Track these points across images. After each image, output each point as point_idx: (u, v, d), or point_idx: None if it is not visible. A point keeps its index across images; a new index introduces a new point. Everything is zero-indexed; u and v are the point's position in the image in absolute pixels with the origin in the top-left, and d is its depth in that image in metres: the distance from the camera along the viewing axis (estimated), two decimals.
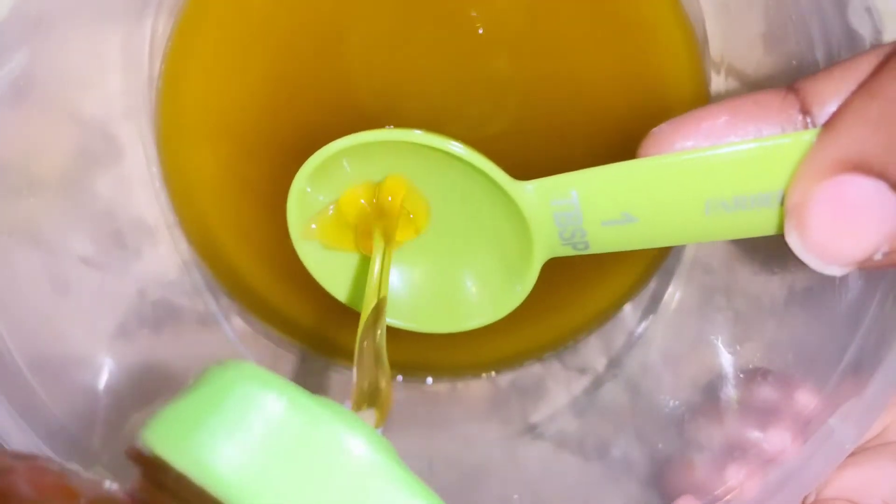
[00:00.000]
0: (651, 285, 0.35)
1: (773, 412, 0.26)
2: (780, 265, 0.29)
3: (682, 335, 0.34)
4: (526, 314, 0.26)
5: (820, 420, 0.24)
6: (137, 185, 0.32)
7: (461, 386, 0.36)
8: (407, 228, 0.25)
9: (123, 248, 0.31)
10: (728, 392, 0.29)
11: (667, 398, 0.32)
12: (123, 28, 0.31)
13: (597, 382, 0.35)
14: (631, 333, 0.35)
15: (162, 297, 0.32)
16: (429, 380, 0.36)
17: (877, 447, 0.26)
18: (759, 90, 0.20)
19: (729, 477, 0.26)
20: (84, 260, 0.30)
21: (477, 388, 0.36)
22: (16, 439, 0.23)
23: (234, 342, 0.35)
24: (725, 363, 0.30)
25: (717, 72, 0.32)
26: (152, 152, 0.32)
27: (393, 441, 0.21)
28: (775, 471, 0.24)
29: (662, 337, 0.34)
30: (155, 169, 0.33)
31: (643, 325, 0.35)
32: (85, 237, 0.30)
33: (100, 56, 0.30)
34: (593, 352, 0.36)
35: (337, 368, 0.36)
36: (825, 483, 0.25)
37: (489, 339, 0.26)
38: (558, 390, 0.35)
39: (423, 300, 0.26)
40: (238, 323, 0.35)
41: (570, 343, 0.36)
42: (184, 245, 0.34)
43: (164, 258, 0.33)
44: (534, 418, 0.35)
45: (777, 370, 0.28)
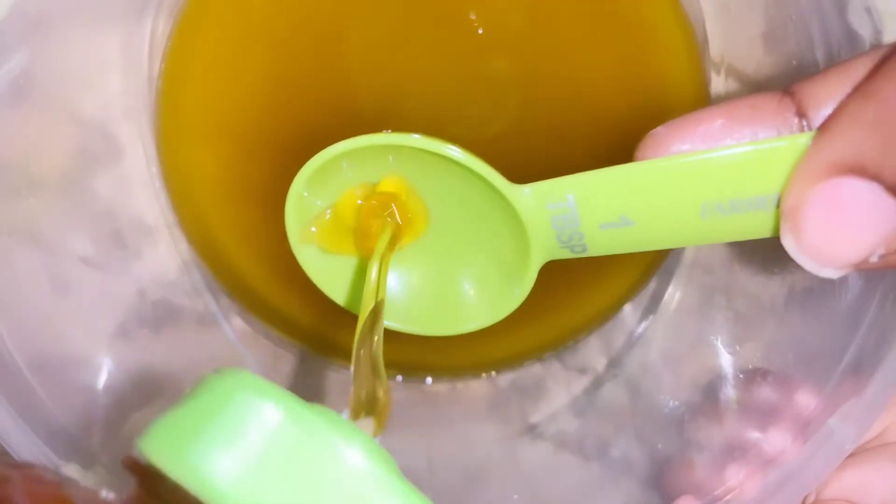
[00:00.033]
0: (651, 285, 0.35)
1: (772, 412, 0.26)
2: (780, 265, 0.29)
3: (682, 335, 0.34)
4: (526, 314, 0.26)
5: (820, 420, 0.24)
6: (137, 185, 0.32)
7: (461, 386, 0.36)
8: (406, 231, 0.25)
9: (123, 248, 0.31)
10: (728, 392, 0.29)
11: (667, 398, 0.32)
12: (123, 28, 0.31)
13: (597, 382, 0.35)
14: (631, 333, 0.35)
15: (162, 297, 0.32)
16: (428, 380, 0.36)
17: (876, 448, 0.26)
18: (755, 93, 0.20)
19: (729, 477, 0.26)
20: (84, 260, 0.30)
21: (477, 388, 0.36)
22: (16, 439, 0.23)
23: (234, 342, 0.35)
24: (725, 363, 0.30)
25: (717, 72, 0.32)
26: (152, 152, 0.32)
27: (393, 441, 0.21)
28: (775, 471, 0.24)
29: (662, 337, 0.34)
30: (155, 169, 0.33)
31: (643, 325, 0.35)
32: (85, 237, 0.30)
33: (100, 56, 0.30)
34: (593, 352, 0.36)
35: (336, 368, 0.36)
36: (825, 483, 0.25)
37: (489, 339, 0.26)
38: (558, 390, 0.35)
39: (422, 303, 0.26)
40: (238, 323, 0.35)
41: (570, 343, 0.36)
42: (184, 245, 0.34)
43: (164, 258, 0.33)
44: (534, 418, 0.35)
45: (777, 370, 0.28)
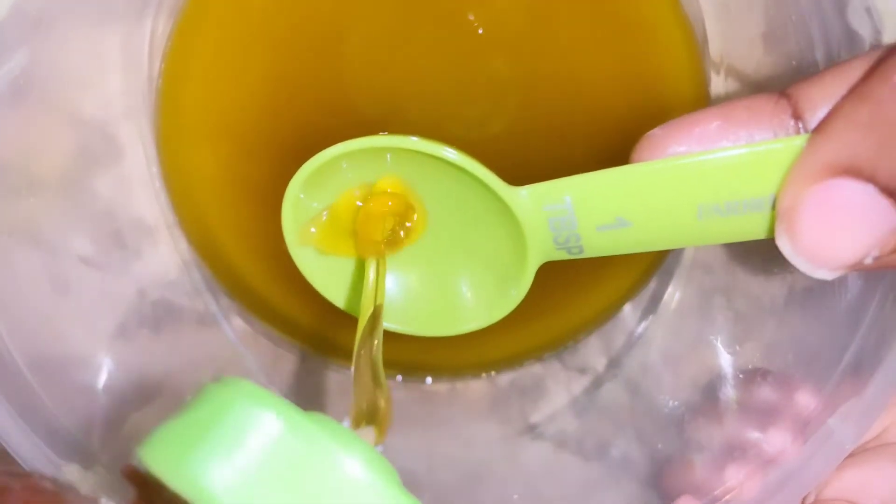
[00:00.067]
0: (651, 285, 0.35)
1: (772, 412, 0.26)
2: (779, 265, 0.29)
3: (682, 335, 0.34)
4: (526, 314, 0.26)
5: (820, 420, 0.24)
6: (137, 185, 0.32)
7: (461, 386, 0.36)
8: (405, 235, 0.25)
9: (123, 248, 0.31)
10: (728, 392, 0.29)
11: (667, 398, 0.32)
12: (123, 28, 0.31)
13: (597, 382, 0.35)
14: (631, 333, 0.35)
15: (162, 297, 0.32)
16: (428, 380, 0.36)
17: (876, 448, 0.26)
18: (752, 95, 0.20)
19: (729, 477, 0.26)
20: (84, 260, 0.30)
21: (477, 387, 0.36)
22: (16, 439, 0.23)
23: (234, 342, 0.35)
24: (725, 363, 0.30)
25: (717, 72, 0.32)
26: (152, 152, 0.32)
27: (393, 441, 0.21)
28: (775, 471, 0.24)
29: (662, 337, 0.34)
30: (155, 169, 0.33)
31: (643, 325, 0.35)
32: (85, 237, 0.30)
33: (100, 56, 0.30)
34: (593, 352, 0.36)
35: (337, 368, 0.36)
36: (825, 484, 0.25)
37: (489, 339, 0.26)
38: (558, 390, 0.35)
39: (419, 303, 0.26)
40: (238, 323, 0.35)
41: (570, 343, 0.36)
42: (184, 245, 0.34)
43: (164, 258, 0.33)
44: (534, 418, 0.35)
45: (777, 370, 0.28)
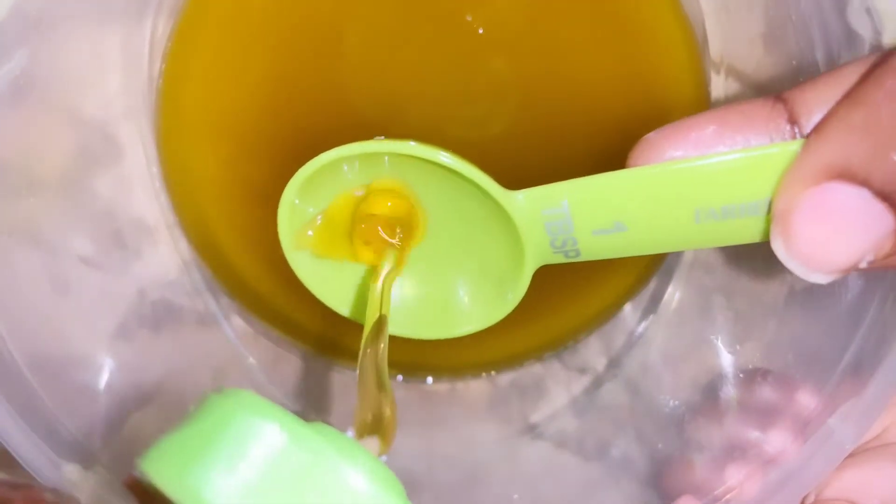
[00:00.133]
0: (651, 285, 0.35)
1: (772, 412, 0.26)
2: (780, 265, 0.29)
3: (682, 335, 0.34)
4: (526, 314, 0.26)
5: (820, 420, 0.24)
6: (137, 185, 0.32)
7: (461, 386, 0.36)
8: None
9: (123, 248, 0.31)
10: (728, 392, 0.29)
11: (667, 398, 0.32)
12: (123, 28, 0.31)
13: (597, 382, 0.35)
14: (631, 333, 0.35)
15: (162, 297, 0.32)
16: (429, 380, 0.36)
17: (876, 448, 0.26)
18: (747, 100, 0.20)
19: (729, 477, 0.26)
20: (84, 260, 0.30)
21: (477, 387, 0.36)
22: (16, 439, 0.23)
23: (234, 342, 0.35)
24: (725, 363, 0.30)
25: (717, 72, 0.32)
26: (152, 152, 0.32)
27: (394, 439, 0.21)
28: (775, 471, 0.24)
29: (662, 337, 0.34)
30: (155, 169, 0.33)
31: (643, 325, 0.35)
32: (85, 237, 0.30)
33: (100, 56, 0.30)
34: (593, 352, 0.36)
35: (338, 369, 0.36)
36: (825, 484, 0.25)
37: (489, 339, 0.26)
38: (558, 390, 0.35)
39: (415, 306, 0.26)
40: (238, 323, 0.35)
41: (570, 343, 0.36)
42: (184, 245, 0.34)
43: (164, 258, 0.33)
44: (534, 418, 0.35)
45: (777, 370, 0.28)
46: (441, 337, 0.26)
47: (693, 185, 0.20)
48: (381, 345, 0.23)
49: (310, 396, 0.36)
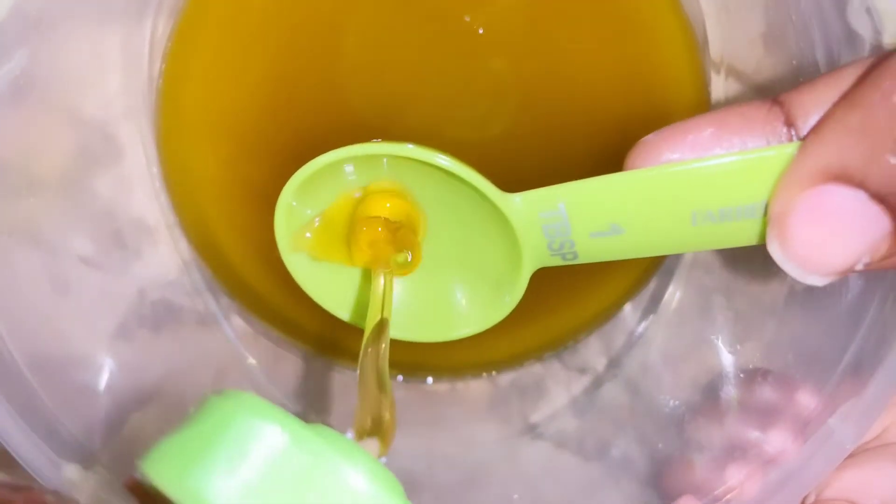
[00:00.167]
0: (651, 285, 0.35)
1: (773, 412, 0.26)
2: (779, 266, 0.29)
3: (682, 335, 0.34)
4: (526, 314, 0.26)
5: (820, 420, 0.24)
6: (137, 185, 0.32)
7: (461, 386, 0.36)
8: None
9: (123, 248, 0.31)
10: (728, 392, 0.29)
11: (667, 398, 0.32)
12: (123, 28, 0.31)
13: (597, 382, 0.35)
14: (631, 333, 0.35)
15: (162, 297, 0.32)
16: (429, 380, 0.36)
17: (876, 448, 0.26)
18: (744, 102, 0.20)
19: (729, 477, 0.26)
20: (84, 260, 0.30)
21: (477, 387, 0.36)
22: (16, 439, 0.23)
23: (234, 342, 0.35)
24: (725, 363, 0.30)
25: (717, 72, 0.32)
26: (152, 152, 0.32)
27: (393, 441, 0.21)
28: (775, 471, 0.24)
29: (662, 337, 0.34)
30: (155, 169, 0.33)
31: (643, 325, 0.35)
32: (85, 237, 0.30)
33: (100, 56, 0.30)
34: (593, 352, 0.36)
35: (338, 369, 0.36)
36: (825, 484, 0.25)
37: (489, 339, 0.26)
38: (558, 390, 0.35)
39: (412, 309, 0.26)
40: (238, 323, 0.35)
41: (570, 343, 0.36)
42: (184, 245, 0.34)
43: (164, 258, 0.33)
44: (534, 418, 0.35)
45: (777, 370, 0.28)
46: (438, 340, 0.26)
47: (690, 187, 0.20)
48: (382, 347, 0.23)
49: (310, 397, 0.36)
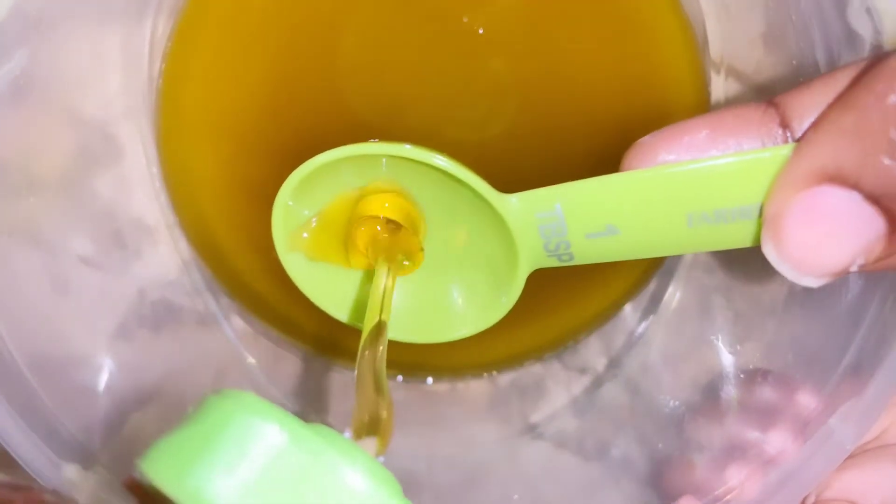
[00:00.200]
0: (651, 285, 0.35)
1: (773, 412, 0.26)
2: None
3: (682, 335, 0.34)
4: (526, 314, 0.26)
5: (820, 420, 0.24)
6: (137, 185, 0.32)
7: (461, 386, 0.36)
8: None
9: (123, 248, 0.31)
10: (728, 392, 0.29)
11: (667, 398, 0.32)
12: (123, 28, 0.31)
13: (597, 382, 0.35)
14: (631, 333, 0.35)
15: (162, 297, 0.32)
16: (429, 380, 0.36)
17: (876, 449, 0.26)
18: (740, 104, 0.20)
19: (729, 477, 0.26)
20: (84, 260, 0.30)
21: (477, 388, 0.36)
22: (16, 439, 0.23)
23: (234, 342, 0.35)
24: (725, 363, 0.30)
25: (717, 72, 0.32)
26: (152, 152, 0.32)
27: (393, 441, 0.21)
28: (775, 471, 0.24)
29: (662, 337, 0.34)
30: (155, 169, 0.33)
31: (643, 325, 0.35)
32: (85, 237, 0.30)
33: (100, 56, 0.30)
34: (593, 352, 0.36)
35: (338, 369, 0.36)
36: (825, 484, 0.25)
37: (489, 339, 0.26)
38: (558, 390, 0.35)
39: (410, 310, 0.26)
40: (238, 323, 0.35)
41: (570, 343, 0.36)
42: (184, 245, 0.34)
43: (164, 258, 0.33)
44: (534, 418, 0.35)
45: (777, 370, 0.28)
46: (435, 341, 0.26)
47: (685, 188, 0.20)
48: (380, 348, 0.23)
49: (309, 396, 0.36)
